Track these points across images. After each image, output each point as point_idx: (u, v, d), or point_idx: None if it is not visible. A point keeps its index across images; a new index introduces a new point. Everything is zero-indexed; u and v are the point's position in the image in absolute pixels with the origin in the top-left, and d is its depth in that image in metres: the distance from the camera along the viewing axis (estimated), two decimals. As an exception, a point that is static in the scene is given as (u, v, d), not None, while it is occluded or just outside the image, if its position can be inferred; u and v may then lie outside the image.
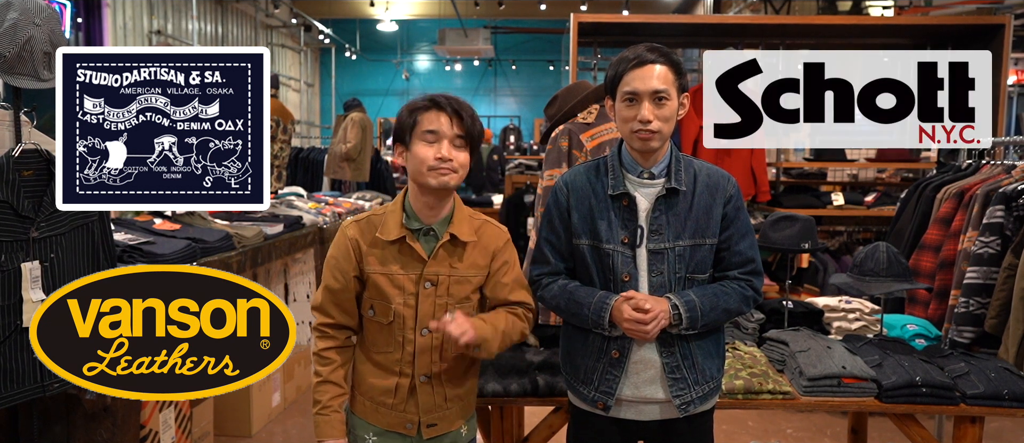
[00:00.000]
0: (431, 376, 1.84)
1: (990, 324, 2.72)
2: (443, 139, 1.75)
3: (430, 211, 1.81)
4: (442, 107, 1.76)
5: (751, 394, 2.27)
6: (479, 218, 1.89)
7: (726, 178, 1.88)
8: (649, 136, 1.77)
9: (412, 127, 1.77)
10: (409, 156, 1.78)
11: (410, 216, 1.83)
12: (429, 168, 1.74)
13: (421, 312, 1.81)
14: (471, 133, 1.78)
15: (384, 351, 1.85)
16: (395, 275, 1.81)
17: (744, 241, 1.86)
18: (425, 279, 1.81)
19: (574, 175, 1.93)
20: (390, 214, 1.83)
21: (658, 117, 1.77)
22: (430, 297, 1.81)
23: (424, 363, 1.83)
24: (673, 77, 1.78)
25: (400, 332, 1.82)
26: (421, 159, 1.75)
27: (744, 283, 1.85)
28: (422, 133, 1.75)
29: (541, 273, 1.93)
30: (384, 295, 1.81)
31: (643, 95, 1.76)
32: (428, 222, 1.82)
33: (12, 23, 2.07)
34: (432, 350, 1.83)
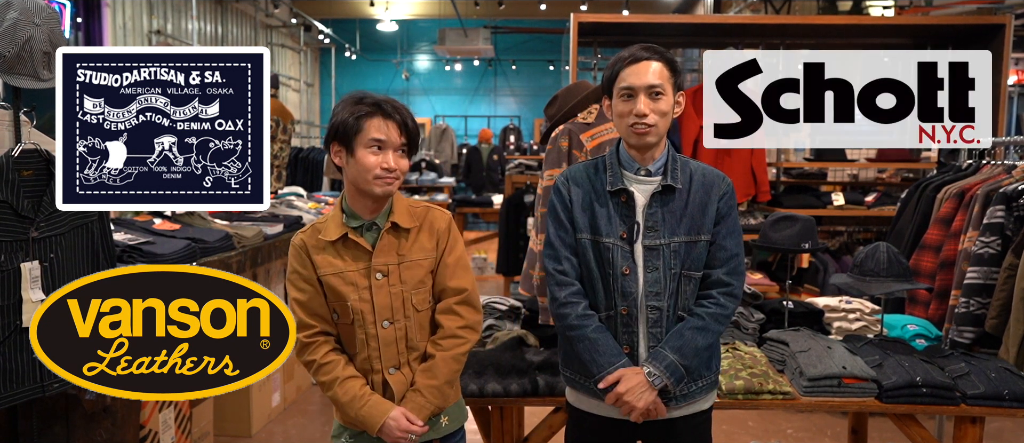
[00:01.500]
0: (400, 367, 1.86)
1: (990, 324, 2.71)
2: (389, 149, 1.77)
3: (370, 210, 1.84)
4: (389, 115, 1.77)
5: (751, 394, 2.27)
6: (420, 205, 1.92)
7: (721, 177, 1.92)
8: (645, 130, 1.81)
9: (356, 133, 1.77)
10: (352, 162, 1.79)
11: (349, 216, 1.86)
12: (375, 177, 1.77)
13: (378, 304, 1.83)
14: (413, 140, 1.81)
15: (352, 352, 1.87)
16: (346, 272, 1.83)
17: (731, 238, 1.89)
18: (375, 271, 1.83)
19: (575, 171, 1.95)
20: (330, 218, 1.87)
21: (654, 111, 1.80)
22: (384, 288, 1.83)
23: (390, 355, 1.85)
24: (668, 74, 1.83)
25: (362, 328, 1.84)
26: (366, 168, 1.76)
27: (715, 300, 1.86)
28: (368, 141, 1.76)
29: (564, 284, 1.90)
30: (340, 295, 1.83)
31: (639, 90, 1.81)
32: (368, 217, 1.85)
33: (12, 23, 2.07)
34: (396, 341, 1.85)
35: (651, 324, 1.85)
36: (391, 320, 1.84)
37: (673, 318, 1.86)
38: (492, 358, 2.38)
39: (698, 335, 1.83)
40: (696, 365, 1.86)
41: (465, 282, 1.89)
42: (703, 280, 1.88)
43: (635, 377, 1.81)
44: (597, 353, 1.83)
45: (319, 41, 13.99)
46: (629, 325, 1.86)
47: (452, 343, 1.86)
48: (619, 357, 1.84)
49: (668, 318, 1.86)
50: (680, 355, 1.82)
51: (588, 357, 1.84)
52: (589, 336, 1.84)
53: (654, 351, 1.84)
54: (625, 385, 1.80)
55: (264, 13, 11.81)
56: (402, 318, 1.85)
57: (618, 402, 1.82)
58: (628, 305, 1.85)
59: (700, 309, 1.85)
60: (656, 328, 1.85)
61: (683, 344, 1.82)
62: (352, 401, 1.81)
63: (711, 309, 1.85)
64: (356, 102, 1.79)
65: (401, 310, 1.84)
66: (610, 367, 1.82)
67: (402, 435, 1.79)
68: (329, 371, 1.84)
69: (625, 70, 1.82)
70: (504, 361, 2.36)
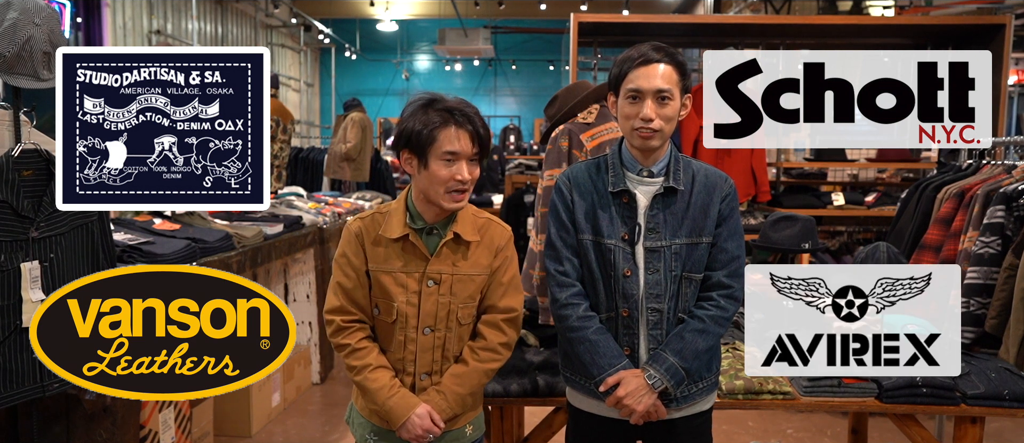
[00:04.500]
0: (432, 374, 1.84)
1: (990, 324, 2.71)
2: (462, 160, 1.74)
3: (434, 215, 1.82)
4: (461, 125, 1.74)
5: (751, 394, 2.27)
6: (483, 216, 1.89)
7: (723, 178, 1.90)
8: (650, 135, 1.79)
9: (430, 144, 1.73)
10: (424, 172, 1.75)
11: (413, 216, 1.83)
12: (447, 191, 1.75)
13: (424, 311, 1.81)
14: (485, 146, 1.78)
15: (386, 349, 1.86)
16: (398, 273, 1.81)
17: (732, 240, 1.88)
18: (428, 277, 1.81)
19: (576, 171, 1.93)
20: (394, 212, 1.84)
21: (660, 116, 1.78)
22: (433, 296, 1.81)
23: (425, 362, 1.83)
24: (677, 77, 1.80)
25: (402, 331, 1.82)
26: (440, 181, 1.74)
27: (715, 302, 1.85)
28: (442, 153, 1.73)
29: (565, 285, 1.89)
30: (388, 293, 1.81)
31: (646, 93, 1.78)
32: (431, 222, 1.82)
33: (12, 23, 2.07)
34: (434, 349, 1.83)
35: (651, 326, 1.85)
36: (433, 328, 1.82)
37: (674, 320, 1.86)
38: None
39: (699, 337, 1.83)
40: (696, 367, 1.86)
41: (516, 303, 1.88)
42: (704, 282, 1.88)
43: (635, 380, 1.81)
44: (597, 355, 1.83)
45: (319, 41, 13.99)
46: (630, 327, 1.86)
47: (489, 357, 1.85)
48: (619, 359, 1.83)
49: (668, 320, 1.85)
50: (680, 357, 1.81)
51: (589, 358, 1.84)
52: (590, 338, 1.84)
53: (654, 353, 1.84)
54: (625, 388, 1.80)
55: (264, 13, 11.81)
56: (444, 328, 1.83)
57: (618, 405, 1.82)
58: (629, 307, 1.85)
59: (700, 311, 1.85)
60: (656, 330, 1.85)
61: (683, 346, 1.82)
62: (380, 390, 1.79)
63: (711, 311, 1.84)
64: (427, 108, 1.75)
65: (445, 320, 1.82)
66: (610, 369, 1.82)
67: (423, 434, 1.78)
68: (362, 357, 1.82)
69: (634, 71, 1.79)
70: (504, 361, 2.36)
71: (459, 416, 1.87)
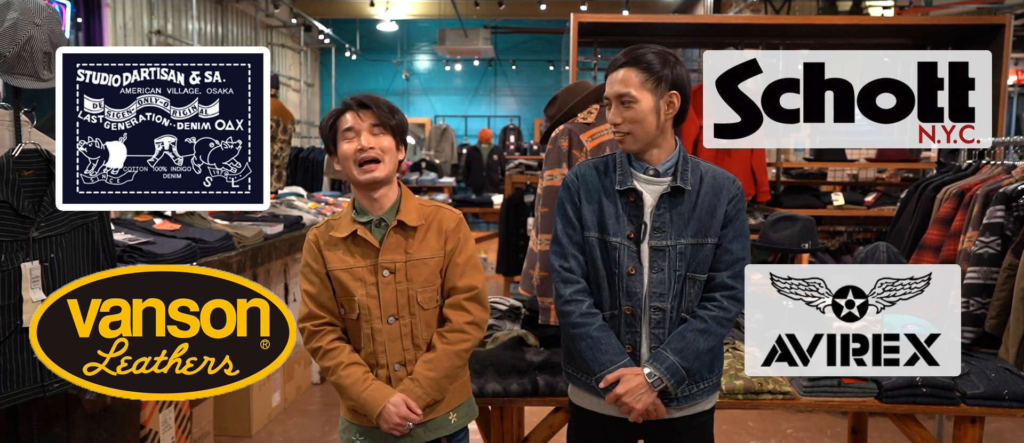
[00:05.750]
0: (405, 363, 1.87)
1: (990, 324, 2.71)
2: (361, 132, 1.82)
3: (374, 204, 1.88)
4: (350, 106, 1.85)
5: (751, 394, 2.27)
6: (430, 204, 1.95)
7: (731, 179, 1.92)
8: (621, 137, 1.85)
9: (334, 134, 1.86)
10: (339, 160, 1.86)
11: (359, 211, 1.89)
12: (355, 164, 1.82)
13: (384, 300, 1.85)
14: (386, 121, 1.85)
15: (358, 347, 1.89)
16: (354, 268, 1.86)
17: (738, 241, 1.89)
18: (382, 267, 1.85)
19: (584, 169, 1.96)
20: (343, 214, 1.92)
21: (625, 119, 1.83)
22: (390, 285, 1.85)
23: (396, 351, 1.87)
24: (638, 79, 1.81)
25: (368, 323, 1.86)
26: (346, 157, 1.83)
27: (718, 303, 1.86)
28: (342, 133, 1.84)
29: (569, 281, 1.89)
30: (347, 290, 1.86)
31: (611, 99, 1.85)
32: (377, 214, 1.88)
33: (12, 23, 2.07)
34: (402, 337, 1.86)
35: (654, 325, 1.85)
36: (396, 316, 1.86)
37: (676, 319, 1.86)
38: (492, 358, 2.38)
39: (700, 337, 1.83)
40: (697, 367, 1.86)
41: (475, 281, 1.91)
42: (707, 282, 1.88)
43: (635, 378, 1.81)
44: (599, 351, 1.83)
45: (319, 41, 13.99)
46: (632, 325, 1.86)
47: (457, 337, 1.87)
48: (621, 357, 1.84)
49: (671, 319, 1.86)
50: (681, 357, 1.82)
51: (590, 355, 1.85)
52: (592, 334, 1.84)
53: (656, 352, 1.84)
54: (624, 386, 1.81)
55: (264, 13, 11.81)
56: (407, 315, 1.86)
57: (617, 402, 1.82)
58: (632, 305, 1.85)
59: (703, 311, 1.85)
60: (659, 329, 1.85)
61: (685, 346, 1.82)
62: (354, 384, 1.83)
63: (714, 312, 1.85)
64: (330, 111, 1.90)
65: (406, 307, 1.86)
66: (611, 366, 1.82)
67: (400, 421, 1.81)
68: (334, 356, 1.86)
69: (607, 79, 1.87)
70: (504, 361, 2.36)
71: (439, 403, 1.89)
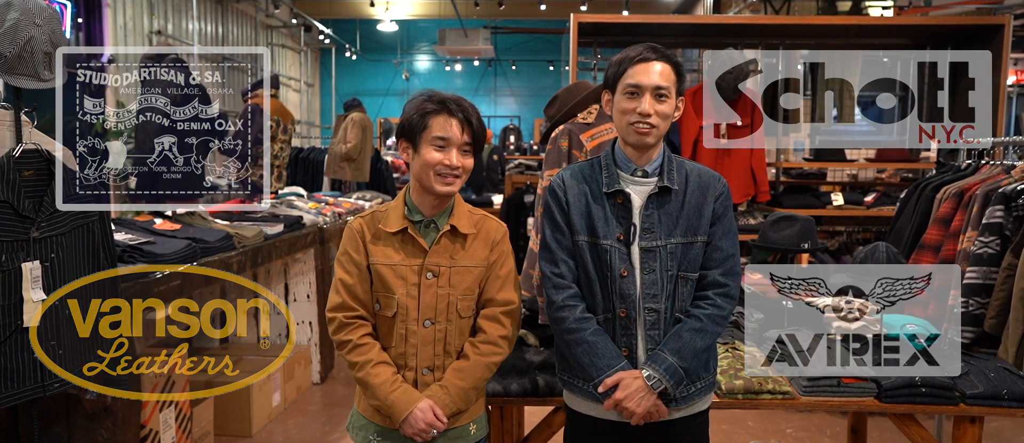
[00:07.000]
0: (434, 369, 1.85)
1: (990, 324, 2.71)
2: (452, 147, 1.79)
3: (431, 207, 1.85)
4: (453, 113, 1.80)
5: (751, 394, 2.27)
6: (478, 213, 1.93)
7: (717, 178, 1.92)
8: (647, 130, 1.81)
9: (422, 129, 1.80)
10: (416, 158, 1.81)
11: (412, 209, 1.87)
12: (437, 174, 1.79)
13: (423, 303, 1.83)
14: (479, 139, 1.83)
15: (388, 345, 1.86)
16: (398, 266, 1.84)
17: (727, 239, 1.89)
18: (427, 269, 1.83)
19: (570, 173, 1.94)
20: (392, 208, 1.88)
21: (657, 112, 1.80)
22: (432, 288, 1.83)
23: (427, 356, 1.84)
24: (674, 77, 1.83)
25: (403, 323, 1.83)
26: (429, 164, 1.79)
27: (711, 301, 1.85)
28: (432, 138, 1.79)
29: (561, 287, 1.88)
30: (388, 286, 1.83)
31: (645, 89, 1.80)
32: (429, 215, 1.86)
33: (12, 23, 2.07)
34: (435, 343, 1.84)
35: (649, 326, 1.85)
36: (433, 320, 1.84)
37: (671, 320, 1.86)
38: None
39: (697, 336, 1.83)
40: (695, 367, 1.85)
41: (514, 296, 1.91)
42: (699, 281, 1.88)
43: (634, 382, 1.81)
44: (596, 356, 1.83)
45: (319, 41, 13.99)
46: (627, 327, 1.86)
47: (489, 349, 1.87)
48: (618, 360, 1.83)
49: (666, 320, 1.85)
50: (679, 357, 1.81)
51: (587, 360, 1.84)
52: (587, 339, 1.84)
53: (653, 354, 1.83)
54: (624, 390, 1.80)
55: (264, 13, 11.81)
56: (444, 320, 1.85)
57: (617, 407, 1.82)
58: (626, 307, 1.85)
59: (697, 310, 1.85)
60: (654, 330, 1.85)
61: (682, 346, 1.82)
62: (383, 384, 1.80)
63: (708, 310, 1.85)
64: (424, 100, 1.83)
65: (445, 312, 1.85)
66: (609, 370, 1.82)
67: (425, 428, 1.79)
68: (364, 353, 1.83)
69: (633, 67, 1.82)
70: (504, 361, 2.36)
71: (462, 413, 1.87)
